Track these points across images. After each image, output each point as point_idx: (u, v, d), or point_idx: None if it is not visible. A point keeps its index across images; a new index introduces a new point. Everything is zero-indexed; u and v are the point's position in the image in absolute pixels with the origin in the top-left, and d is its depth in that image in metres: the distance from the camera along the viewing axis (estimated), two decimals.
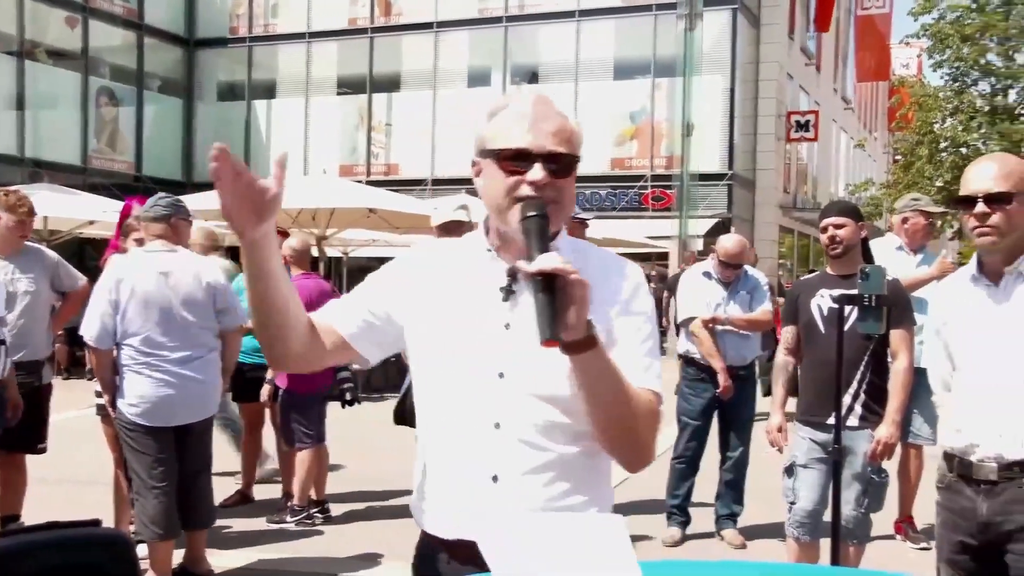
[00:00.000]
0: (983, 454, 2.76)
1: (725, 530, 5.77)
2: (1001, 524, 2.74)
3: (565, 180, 1.77)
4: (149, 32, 26.26)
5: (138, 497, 4.53)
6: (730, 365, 5.69)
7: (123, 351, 4.49)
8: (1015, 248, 2.74)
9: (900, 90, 28.89)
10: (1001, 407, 2.73)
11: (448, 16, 25.21)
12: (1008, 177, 2.69)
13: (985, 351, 2.78)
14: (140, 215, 4.74)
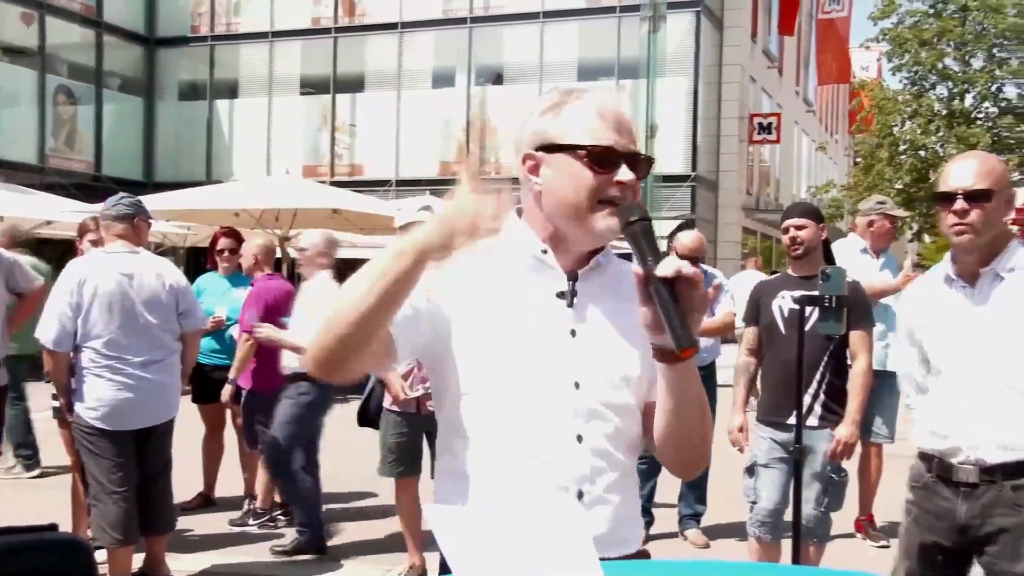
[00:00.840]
0: (964, 457, 2.75)
1: (688, 530, 5.80)
2: (980, 527, 2.74)
3: (639, 182, 1.71)
4: (108, 30, 25.89)
5: (96, 503, 4.44)
6: None
7: (83, 354, 4.40)
8: (991, 248, 2.73)
9: (860, 93, 29.29)
10: (983, 410, 2.72)
11: (412, 17, 25.12)
12: (988, 175, 2.69)
13: (965, 353, 2.76)
14: (101, 214, 4.65)
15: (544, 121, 1.71)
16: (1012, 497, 2.68)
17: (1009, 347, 2.69)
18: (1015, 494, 2.68)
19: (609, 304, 1.73)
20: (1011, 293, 2.71)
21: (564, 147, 1.66)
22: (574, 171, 1.66)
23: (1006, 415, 2.69)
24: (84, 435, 4.44)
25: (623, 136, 1.67)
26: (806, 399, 4.05)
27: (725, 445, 4.70)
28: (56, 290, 4.41)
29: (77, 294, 4.35)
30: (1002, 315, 2.70)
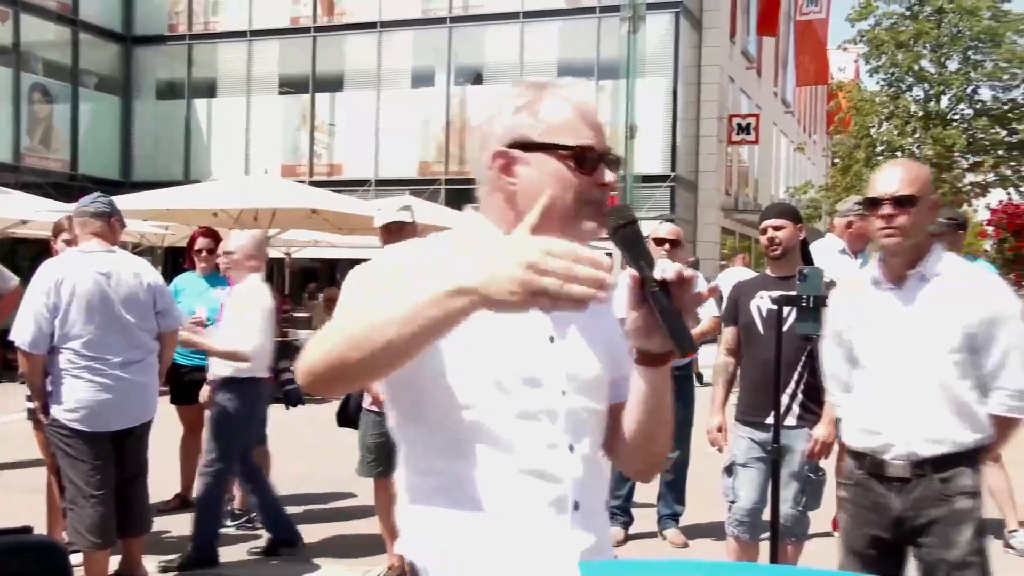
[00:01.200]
0: (896, 452, 2.87)
1: (667, 530, 5.82)
2: (913, 519, 2.87)
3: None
4: (84, 28, 25.69)
5: (73, 506, 4.38)
6: None
7: (62, 355, 4.32)
8: (916, 252, 2.86)
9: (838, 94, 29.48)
10: (912, 407, 2.84)
11: (392, 16, 25.09)
12: (914, 182, 2.84)
13: (894, 353, 2.89)
14: (77, 211, 4.56)
15: (520, 118, 1.61)
16: (941, 489, 2.82)
17: (935, 346, 2.82)
18: (944, 486, 2.82)
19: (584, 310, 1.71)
20: (936, 294, 2.84)
21: (546, 146, 1.59)
22: (557, 172, 1.59)
23: (934, 411, 2.83)
24: (61, 438, 4.37)
25: (599, 135, 1.63)
26: (784, 399, 4.07)
27: (704, 445, 4.72)
28: (31, 290, 4.33)
29: (54, 294, 4.27)
30: (928, 315, 2.83)
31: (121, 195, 13.01)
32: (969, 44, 24.93)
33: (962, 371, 2.81)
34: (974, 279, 2.90)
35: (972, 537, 2.81)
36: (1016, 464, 5.99)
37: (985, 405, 2.84)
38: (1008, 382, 2.81)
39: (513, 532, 1.55)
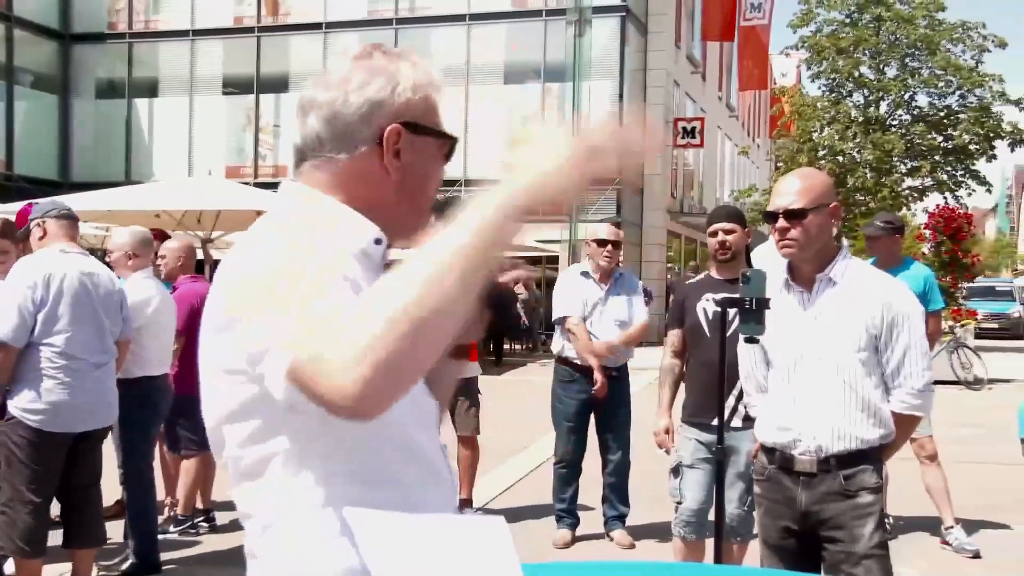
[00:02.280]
0: (803, 448, 2.99)
1: (614, 531, 5.84)
2: (819, 513, 2.98)
3: None
4: (19, 24, 25.08)
5: (7, 510, 4.24)
6: (602, 366, 5.71)
7: (39, 352, 4.22)
8: (822, 257, 2.98)
9: (781, 99, 29.92)
10: (818, 404, 2.96)
11: (337, 17, 24.90)
12: (806, 193, 2.94)
13: (802, 353, 3.00)
14: (52, 214, 4.51)
15: (414, 91, 1.47)
16: (845, 485, 2.94)
17: (841, 346, 2.94)
18: (847, 482, 2.94)
19: None
20: (842, 297, 2.96)
21: (440, 133, 1.50)
22: (436, 162, 1.51)
23: (839, 408, 2.95)
24: (18, 438, 4.22)
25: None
26: (729, 401, 4.11)
27: (650, 446, 4.76)
28: (15, 284, 4.23)
29: (42, 289, 4.21)
30: (834, 317, 2.96)
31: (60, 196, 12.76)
32: (906, 51, 25.52)
33: (867, 370, 2.93)
34: (878, 282, 3.02)
35: (873, 532, 2.92)
36: (953, 464, 6.13)
37: (888, 403, 2.96)
38: (908, 380, 2.94)
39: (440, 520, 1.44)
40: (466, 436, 6.18)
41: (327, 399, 1.13)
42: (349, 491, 1.36)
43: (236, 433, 1.40)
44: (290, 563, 1.38)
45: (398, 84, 1.45)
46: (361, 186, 1.45)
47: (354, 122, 1.43)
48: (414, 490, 1.42)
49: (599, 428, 5.89)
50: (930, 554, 5.67)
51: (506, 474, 7.51)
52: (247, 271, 1.33)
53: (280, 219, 1.43)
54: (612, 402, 5.78)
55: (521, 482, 7.37)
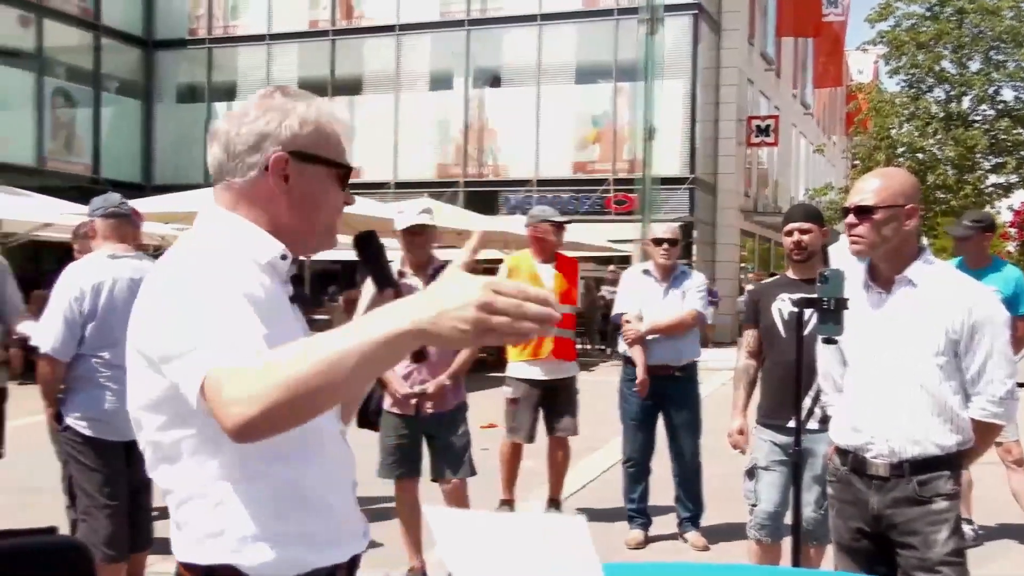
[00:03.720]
0: (876, 451, 2.94)
1: (688, 532, 5.79)
2: (891, 517, 2.93)
3: None
4: (106, 32, 25.92)
5: (87, 518, 4.20)
6: (665, 364, 5.67)
7: (89, 362, 4.15)
8: (902, 256, 2.92)
9: (857, 96, 29.33)
10: (894, 408, 2.90)
11: (410, 19, 25.16)
12: (879, 191, 2.90)
13: (879, 354, 2.95)
14: (101, 214, 4.36)
15: (304, 128, 1.67)
16: (919, 491, 2.87)
17: (919, 349, 2.87)
18: (921, 488, 2.87)
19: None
20: (922, 299, 2.88)
21: (328, 162, 1.69)
22: (331, 190, 1.70)
23: (915, 412, 2.88)
24: (75, 447, 4.20)
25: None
26: (806, 402, 4.05)
27: (724, 447, 4.71)
28: (62, 294, 4.15)
29: (90, 300, 4.11)
30: (913, 319, 2.88)
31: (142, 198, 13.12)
32: (991, 44, 24.77)
33: (945, 375, 2.86)
34: (959, 285, 2.95)
35: (948, 539, 2.85)
36: None
37: (967, 409, 2.89)
38: (988, 388, 2.86)
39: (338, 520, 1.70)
40: (560, 437, 6.17)
41: (218, 420, 1.37)
42: (263, 467, 1.58)
43: (153, 420, 1.64)
44: (208, 530, 1.59)
45: (286, 119, 1.65)
46: (257, 206, 1.67)
47: (244, 151, 1.65)
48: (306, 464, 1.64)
49: (667, 429, 5.86)
50: (1017, 561, 5.51)
51: (580, 474, 7.50)
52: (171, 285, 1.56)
53: (199, 237, 1.68)
54: (677, 402, 5.74)
55: (594, 482, 7.35)
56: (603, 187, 23.70)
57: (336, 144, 1.70)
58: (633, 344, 5.70)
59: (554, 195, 23.23)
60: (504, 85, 25.34)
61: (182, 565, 1.63)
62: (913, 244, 2.96)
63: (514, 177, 24.51)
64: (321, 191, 1.69)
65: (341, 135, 1.72)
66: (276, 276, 1.67)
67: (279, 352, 1.37)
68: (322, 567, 1.63)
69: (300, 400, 1.32)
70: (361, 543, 1.77)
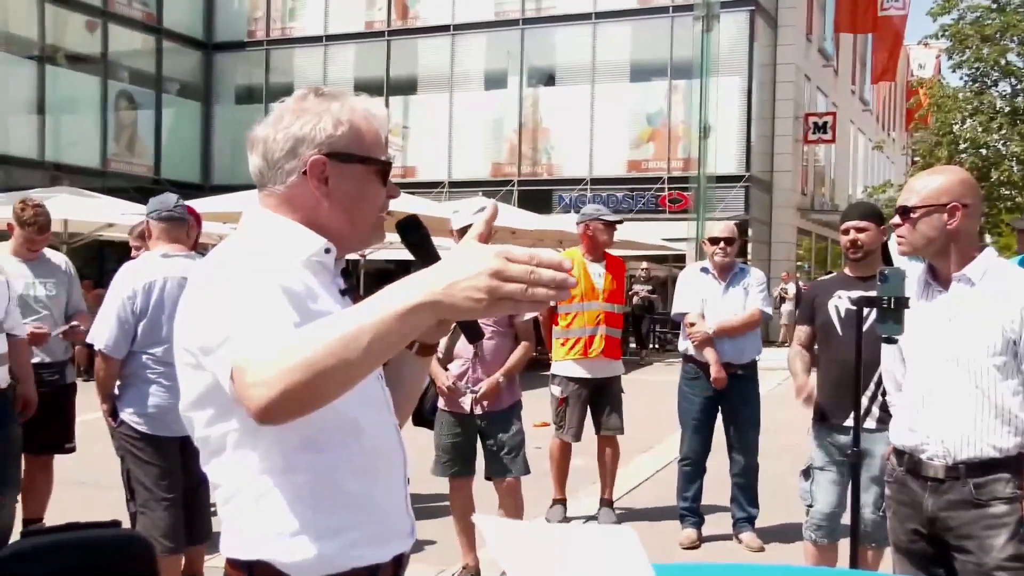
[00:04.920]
0: (932, 452, 2.89)
1: (743, 533, 5.75)
2: (946, 520, 2.88)
3: None
4: (168, 36, 26.44)
5: (145, 511, 4.28)
6: (727, 363, 5.64)
7: (141, 359, 4.27)
8: (961, 254, 2.89)
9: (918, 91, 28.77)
10: (950, 408, 2.86)
11: (464, 19, 25.26)
12: (918, 191, 2.91)
13: (933, 354, 2.91)
14: (156, 216, 4.45)
15: (338, 129, 1.66)
16: (975, 494, 2.82)
17: (976, 348, 2.82)
18: (977, 491, 2.82)
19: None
20: (980, 298, 2.84)
21: (365, 159, 1.68)
22: (371, 186, 1.69)
23: (972, 413, 2.82)
24: (131, 441, 4.30)
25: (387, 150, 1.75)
26: (864, 401, 4.00)
27: (781, 447, 4.66)
28: (115, 293, 4.27)
29: (142, 299, 4.22)
30: (971, 319, 2.84)
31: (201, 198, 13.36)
32: None
33: (1003, 375, 2.80)
34: (1019, 283, 2.88)
35: (1006, 543, 2.78)
36: None
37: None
38: None
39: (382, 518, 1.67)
40: (608, 436, 6.17)
41: (243, 404, 1.39)
42: (301, 458, 1.58)
43: (200, 417, 1.66)
44: (250, 524, 1.60)
45: (320, 121, 1.65)
46: (300, 210, 1.67)
47: (281, 157, 1.66)
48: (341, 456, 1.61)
49: (726, 427, 5.81)
50: None
51: (634, 473, 7.47)
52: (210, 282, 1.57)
53: (242, 237, 1.69)
54: (738, 401, 5.70)
55: (648, 481, 7.32)
56: (657, 185, 23.56)
57: (373, 140, 1.69)
58: (702, 346, 5.66)
59: (608, 194, 23.17)
60: (558, 84, 25.31)
61: (228, 561, 1.64)
62: (969, 242, 2.91)
63: (568, 176, 24.48)
64: (361, 189, 1.68)
65: (378, 129, 1.71)
66: (324, 272, 1.67)
67: (298, 334, 1.37)
68: (361, 567, 1.61)
69: (317, 379, 1.31)
70: (406, 542, 1.73)
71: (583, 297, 5.95)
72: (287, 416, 1.36)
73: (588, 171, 24.33)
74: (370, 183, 1.69)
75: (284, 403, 1.33)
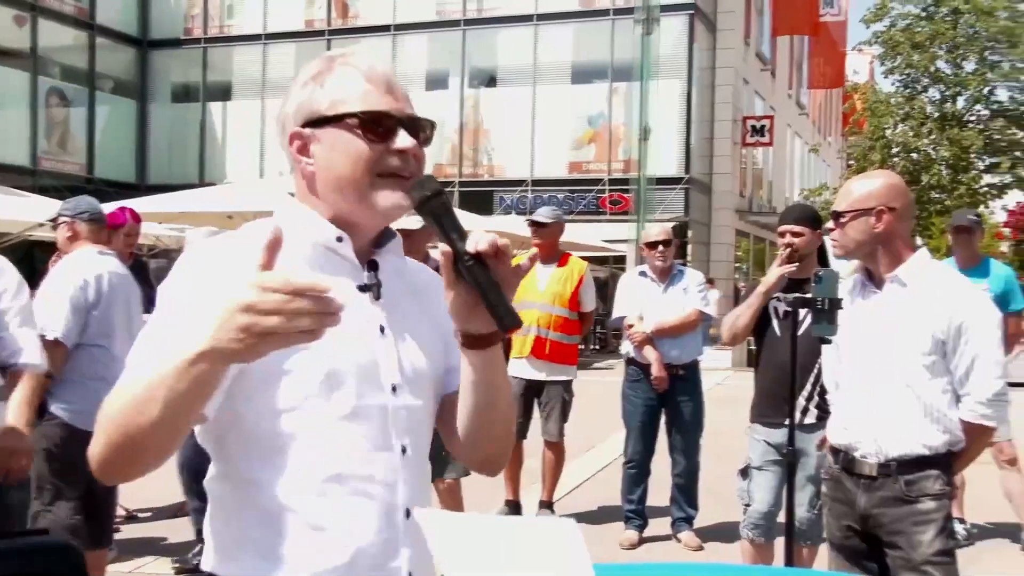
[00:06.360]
0: (865, 450, 2.96)
1: (681, 532, 5.80)
2: (878, 517, 2.94)
3: (423, 151, 1.53)
4: (101, 32, 25.87)
5: (51, 509, 4.12)
6: (668, 364, 5.69)
7: (90, 352, 4.17)
8: (892, 257, 2.95)
9: (853, 96, 29.38)
10: (882, 407, 2.92)
11: (406, 19, 25.14)
12: (846, 196, 3.00)
13: (866, 353, 2.98)
14: (81, 216, 4.42)
15: (307, 92, 1.50)
16: (905, 491, 2.88)
17: (906, 348, 2.88)
18: (908, 488, 2.88)
19: (406, 293, 1.57)
20: (910, 298, 2.90)
21: (333, 118, 1.46)
22: (348, 144, 1.46)
23: (903, 412, 2.89)
24: (56, 439, 4.13)
25: (398, 100, 1.49)
26: (800, 401, 4.06)
27: (721, 448, 4.72)
28: (60, 283, 4.17)
29: (94, 289, 4.17)
30: (901, 318, 2.90)
31: (136, 198, 13.13)
32: (986, 45, 24.83)
33: (932, 374, 2.86)
34: (948, 285, 2.95)
35: (934, 538, 2.85)
36: None
37: (957, 410, 2.88)
38: (976, 389, 2.85)
39: (341, 547, 1.43)
40: (551, 441, 6.15)
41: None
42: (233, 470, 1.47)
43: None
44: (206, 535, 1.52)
45: (289, 95, 1.53)
46: (309, 193, 1.52)
47: (283, 144, 1.54)
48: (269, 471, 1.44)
49: (668, 428, 5.86)
50: (1008, 561, 5.52)
51: (574, 474, 7.51)
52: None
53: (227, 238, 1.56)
54: (680, 402, 5.75)
55: (588, 482, 7.36)
56: (598, 187, 23.70)
57: (354, 92, 1.48)
58: (641, 345, 5.71)
59: (549, 195, 23.23)
60: (500, 85, 25.33)
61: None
62: (900, 244, 2.96)
63: (509, 177, 24.50)
64: (341, 148, 1.46)
65: (354, 78, 1.49)
66: (338, 264, 1.49)
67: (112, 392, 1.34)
68: None
69: (125, 441, 1.29)
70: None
71: (523, 297, 5.90)
72: (114, 478, 1.37)
73: (529, 172, 24.38)
74: (352, 139, 1.46)
75: (101, 469, 1.34)
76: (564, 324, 6.03)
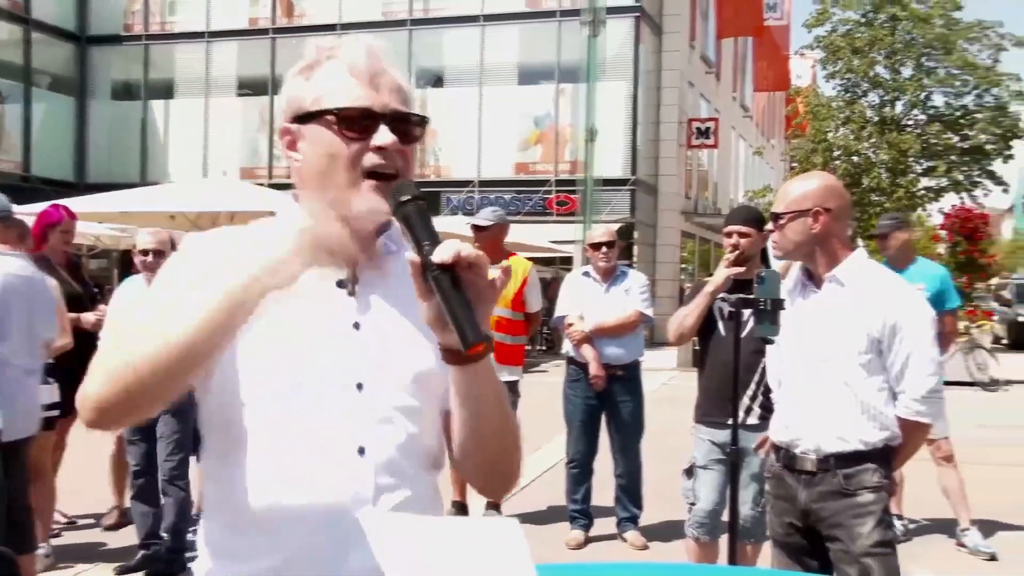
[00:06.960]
0: (804, 447, 3.01)
1: (627, 532, 5.83)
2: (818, 511, 3.00)
3: (411, 148, 1.47)
4: (37, 27, 25.28)
5: None
6: (608, 364, 5.72)
7: None
8: (830, 257, 3.01)
9: (795, 99, 29.85)
10: (820, 404, 2.98)
11: (352, 18, 24.95)
12: (786, 197, 3.06)
13: (805, 352, 3.03)
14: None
15: (296, 86, 1.48)
16: (844, 484, 2.94)
17: (842, 346, 2.94)
18: (846, 481, 2.94)
19: (401, 293, 1.46)
20: (848, 298, 2.96)
21: (315, 114, 1.43)
22: (326, 140, 1.42)
23: (840, 409, 2.95)
24: None
25: (382, 93, 1.45)
26: (744, 401, 4.10)
27: (663, 448, 4.75)
28: None
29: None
30: (838, 317, 2.96)
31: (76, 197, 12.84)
32: (922, 51, 25.40)
33: (868, 372, 2.91)
34: (883, 284, 3.01)
35: (872, 530, 2.91)
36: (970, 465, 6.10)
37: (893, 407, 2.94)
38: (911, 387, 2.91)
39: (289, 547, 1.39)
40: None
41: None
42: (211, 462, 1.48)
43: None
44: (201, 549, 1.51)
45: (283, 87, 1.53)
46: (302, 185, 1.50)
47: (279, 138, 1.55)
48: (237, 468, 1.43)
49: (608, 428, 5.89)
50: (946, 556, 5.63)
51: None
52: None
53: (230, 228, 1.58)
54: (620, 401, 5.78)
55: (535, 482, 7.36)
56: (545, 188, 23.77)
57: (336, 87, 1.44)
58: (581, 344, 5.73)
59: (496, 196, 23.24)
60: (446, 85, 25.27)
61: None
62: (837, 244, 3.01)
63: (456, 178, 24.46)
64: (320, 146, 1.43)
65: (338, 73, 1.45)
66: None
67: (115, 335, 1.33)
68: None
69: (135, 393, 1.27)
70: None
71: None
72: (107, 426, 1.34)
73: (476, 173, 24.37)
74: (329, 137, 1.42)
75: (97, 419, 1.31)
76: (507, 325, 6.01)
